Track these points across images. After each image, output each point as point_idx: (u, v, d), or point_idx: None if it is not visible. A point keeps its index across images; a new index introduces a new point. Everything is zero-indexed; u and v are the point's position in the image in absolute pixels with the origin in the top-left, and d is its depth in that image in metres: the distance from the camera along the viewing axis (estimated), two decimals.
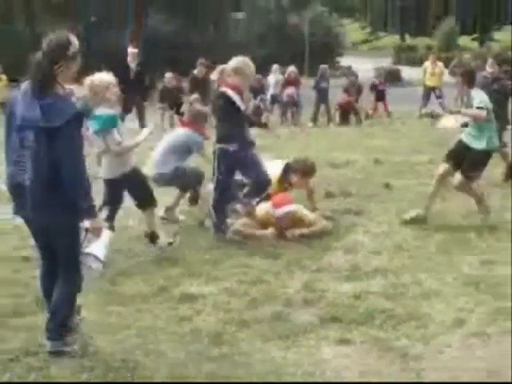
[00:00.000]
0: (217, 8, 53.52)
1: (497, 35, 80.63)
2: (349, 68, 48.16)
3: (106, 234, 5.15)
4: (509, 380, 4.46)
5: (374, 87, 26.81)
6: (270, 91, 25.84)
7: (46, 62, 5.03)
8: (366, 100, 27.08)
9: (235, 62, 8.89)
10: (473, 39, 79.25)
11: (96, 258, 5.70)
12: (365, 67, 43.15)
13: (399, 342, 5.64)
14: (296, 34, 58.31)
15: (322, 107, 25.21)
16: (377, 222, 9.54)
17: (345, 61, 60.01)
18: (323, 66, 26.64)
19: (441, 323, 6.01)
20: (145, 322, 6.17)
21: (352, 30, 79.15)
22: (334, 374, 5.13)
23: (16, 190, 5.22)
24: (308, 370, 5.18)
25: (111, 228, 7.76)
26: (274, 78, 26.17)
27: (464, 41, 76.26)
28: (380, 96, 26.60)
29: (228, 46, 44.68)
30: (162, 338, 5.78)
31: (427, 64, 26.22)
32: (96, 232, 5.26)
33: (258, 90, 24.18)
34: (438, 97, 24.69)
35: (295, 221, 8.78)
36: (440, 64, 26.17)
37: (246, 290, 6.84)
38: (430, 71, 25.47)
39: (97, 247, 5.11)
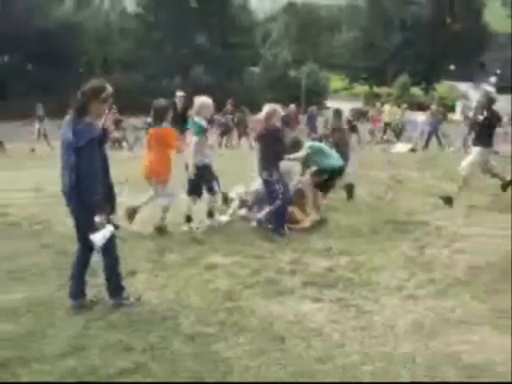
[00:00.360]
0: (240, 64, 53.56)
1: (437, 86, 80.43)
2: (328, 108, 48.04)
3: (108, 228, 5.15)
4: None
5: (349, 122, 26.65)
6: None
7: (83, 99, 5.13)
8: None
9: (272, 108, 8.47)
10: (420, 89, 78.92)
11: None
12: (344, 107, 42.86)
13: (356, 301, 5.71)
14: (295, 83, 58.30)
15: None
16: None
17: (329, 103, 59.88)
18: (312, 108, 26.45)
19: (386, 288, 6.08)
20: (179, 283, 6.25)
21: (334, 80, 78.99)
22: (309, 321, 5.22)
23: (64, 195, 5.35)
24: (291, 319, 5.27)
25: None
26: None
27: (414, 90, 75.98)
28: (353, 129, 26.45)
29: (247, 91, 44.69)
30: (191, 294, 5.88)
31: (386, 106, 26.17)
32: (100, 225, 5.19)
33: None
34: (393, 130, 24.67)
35: (292, 218, 8.72)
36: (395, 107, 26.17)
37: (250, 263, 6.88)
38: (389, 111, 25.42)
39: (98, 236, 5.10)
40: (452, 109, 49.42)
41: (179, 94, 18.32)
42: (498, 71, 72.41)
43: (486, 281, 6.18)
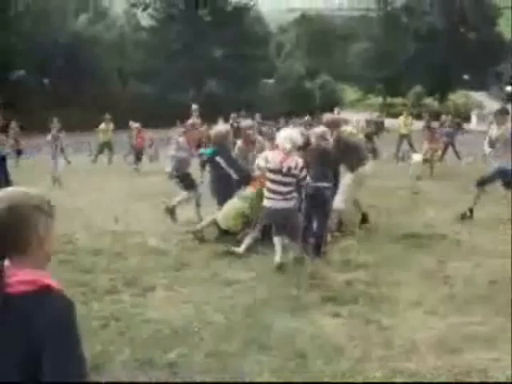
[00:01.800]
0: (254, 76, 53.75)
1: (451, 96, 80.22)
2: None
3: None
4: None
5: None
6: None
7: None
8: None
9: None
10: (435, 99, 78.69)
11: None
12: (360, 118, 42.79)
13: (376, 316, 5.68)
14: (309, 94, 58.38)
15: None
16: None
17: (344, 114, 59.71)
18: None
19: (405, 303, 6.04)
20: (199, 298, 6.24)
21: (349, 92, 78.99)
22: (329, 336, 5.20)
23: None
24: (311, 334, 5.25)
25: None
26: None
27: (428, 100, 75.81)
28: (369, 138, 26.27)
29: (261, 102, 44.80)
30: (211, 310, 5.88)
31: (401, 118, 25.82)
32: None
33: None
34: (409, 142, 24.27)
35: None
36: (410, 118, 25.84)
37: (269, 277, 6.86)
38: (404, 122, 24.99)
39: None
40: (467, 119, 49.16)
41: (194, 107, 18.43)
42: None
43: (508, 296, 6.11)
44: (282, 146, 7.23)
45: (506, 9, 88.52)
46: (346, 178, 8.87)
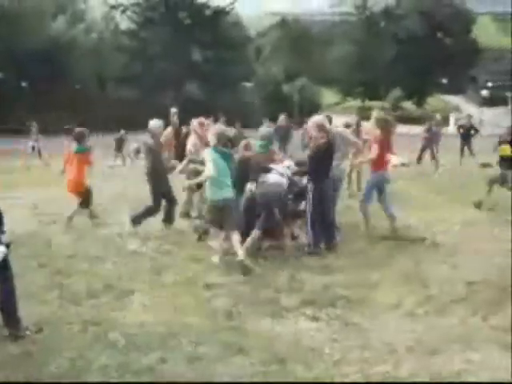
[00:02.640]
0: (233, 79, 53.73)
1: (429, 100, 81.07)
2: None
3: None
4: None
5: None
6: None
7: None
8: None
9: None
10: (413, 103, 79.40)
11: None
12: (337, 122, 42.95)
13: (354, 319, 5.69)
14: (288, 98, 58.52)
15: None
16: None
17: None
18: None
19: (384, 306, 6.06)
20: (178, 302, 6.21)
21: (327, 95, 79.25)
22: (309, 340, 5.20)
23: None
24: (290, 338, 5.24)
25: None
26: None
27: (406, 104, 76.49)
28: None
29: (239, 106, 44.84)
30: (189, 314, 5.85)
31: None
32: None
33: None
34: None
35: None
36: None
37: (249, 280, 6.85)
38: None
39: None
40: (445, 122, 49.61)
41: (173, 110, 18.33)
42: (489, 84, 72.94)
43: (485, 297, 6.16)
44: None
45: (480, 15, 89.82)
46: None
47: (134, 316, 5.75)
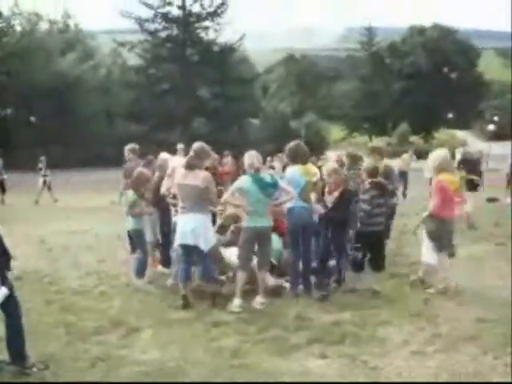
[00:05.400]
0: (240, 116, 54.01)
1: (436, 135, 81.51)
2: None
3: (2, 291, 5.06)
4: None
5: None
6: None
7: None
8: None
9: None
10: (420, 138, 79.77)
11: None
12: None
13: (363, 356, 5.65)
14: (295, 134, 58.70)
15: None
16: None
17: (329, 154, 60.01)
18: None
19: (392, 343, 6.03)
20: (186, 339, 6.20)
21: (334, 131, 79.58)
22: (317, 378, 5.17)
23: None
24: (298, 376, 5.21)
25: None
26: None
27: (413, 138, 76.83)
28: None
29: (247, 142, 45.01)
30: (197, 351, 5.83)
31: (405, 155, 24.82)
32: None
33: None
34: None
35: None
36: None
37: (256, 318, 6.82)
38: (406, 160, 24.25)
39: None
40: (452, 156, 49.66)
41: (180, 146, 18.42)
42: (496, 118, 73.21)
43: (495, 334, 6.11)
44: None
45: (485, 50, 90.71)
46: None
47: (140, 353, 5.75)
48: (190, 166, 7.32)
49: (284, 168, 10.38)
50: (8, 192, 22.01)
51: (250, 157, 7.49)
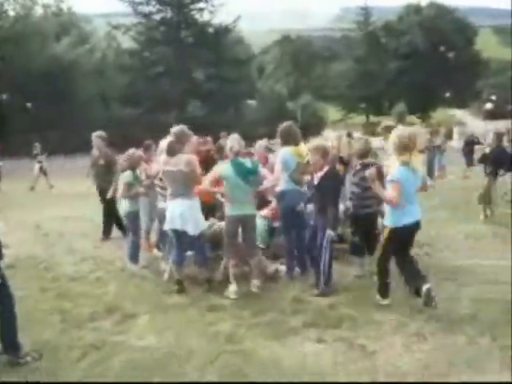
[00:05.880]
0: (236, 97, 53.82)
1: (433, 114, 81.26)
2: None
3: None
4: None
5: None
6: None
7: None
8: None
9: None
10: (417, 117, 79.50)
11: None
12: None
13: (359, 340, 5.60)
14: (292, 115, 58.50)
15: None
16: None
17: (326, 133, 59.92)
18: None
19: (390, 326, 5.97)
20: (181, 325, 6.16)
21: (331, 112, 79.32)
22: (314, 363, 5.12)
23: None
24: (295, 361, 5.17)
25: None
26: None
27: (410, 118, 76.59)
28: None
29: (243, 124, 44.84)
30: (192, 337, 5.79)
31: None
32: None
33: None
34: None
35: None
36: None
37: (252, 302, 6.77)
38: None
39: None
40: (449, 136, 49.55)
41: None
42: (493, 97, 72.92)
43: (493, 315, 6.08)
44: None
45: (482, 28, 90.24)
46: None
47: (136, 340, 5.72)
48: (171, 152, 7.15)
49: None
50: (3, 179, 21.89)
51: (231, 140, 7.33)
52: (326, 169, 7.04)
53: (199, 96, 50.90)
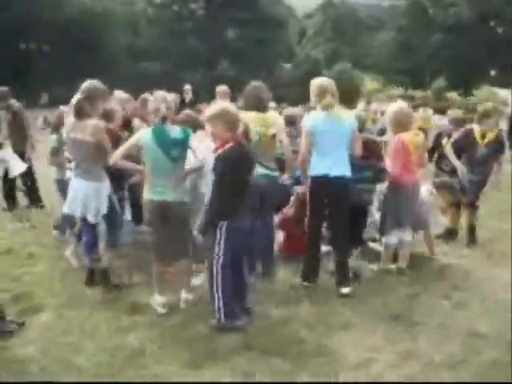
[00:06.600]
0: (269, 60, 52.33)
1: (475, 92, 78.55)
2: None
3: None
4: None
5: None
6: None
7: None
8: None
9: None
10: (458, 94, 76.92)
11: None
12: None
13: None
14: None
15: None
16: None
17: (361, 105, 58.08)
18: None
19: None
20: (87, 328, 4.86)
21: (368, 82, 77.15)
22: None
23: None
24: None
25: None
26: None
27: (451, 94, 74.07)
28: None
29: (275, 86, 43.44)
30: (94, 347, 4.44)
31: (420, 111, 23.62)
32: None
33: None
34: None
35: None
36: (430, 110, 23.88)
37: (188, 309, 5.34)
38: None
39: None
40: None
41: (186, 87, 17.38)
42: None
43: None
44: None
45: None
46: None
47: None
48: (78, 114, 5.51)
49: None
50: None
51: (157, 100, 5.45)
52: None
53: (230, 55, 49.47)
